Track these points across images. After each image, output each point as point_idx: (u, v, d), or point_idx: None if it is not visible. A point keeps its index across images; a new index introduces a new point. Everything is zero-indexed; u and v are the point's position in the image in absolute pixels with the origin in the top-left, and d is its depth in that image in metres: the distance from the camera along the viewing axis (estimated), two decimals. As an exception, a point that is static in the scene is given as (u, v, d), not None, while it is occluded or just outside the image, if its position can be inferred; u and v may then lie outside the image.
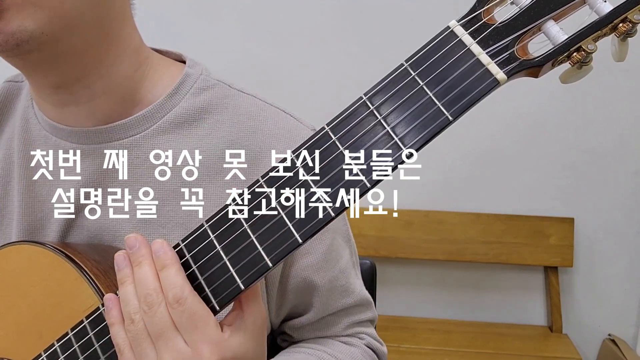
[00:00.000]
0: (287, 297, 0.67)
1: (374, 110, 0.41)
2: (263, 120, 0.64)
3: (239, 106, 0.65)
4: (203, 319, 0.44)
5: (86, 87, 0.59)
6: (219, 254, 0.45)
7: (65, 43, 0.55)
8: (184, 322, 0.44)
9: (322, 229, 0.42)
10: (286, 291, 0.66)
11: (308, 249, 0.65)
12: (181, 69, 0.65)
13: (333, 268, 0.67)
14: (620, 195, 1.88)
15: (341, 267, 0.69)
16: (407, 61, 0.41)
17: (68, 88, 0.59)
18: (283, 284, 0.66)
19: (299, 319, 0.69)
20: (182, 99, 0.63)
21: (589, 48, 0.38)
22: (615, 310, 1.95)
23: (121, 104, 0.62)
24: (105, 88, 0.60)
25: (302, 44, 1.89)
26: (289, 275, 0.65)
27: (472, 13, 0.40)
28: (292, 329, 0.70)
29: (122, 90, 0.61)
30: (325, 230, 0.65)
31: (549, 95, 1.79)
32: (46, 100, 0.62)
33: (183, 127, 0.63)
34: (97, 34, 0.57)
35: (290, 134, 0.64)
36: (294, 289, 0.66)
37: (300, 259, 0.65)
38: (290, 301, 0.67)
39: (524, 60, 0.39)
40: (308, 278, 0.65)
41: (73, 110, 0.61)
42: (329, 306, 0.68)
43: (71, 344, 0.51)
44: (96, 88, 0.60)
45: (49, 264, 0.57)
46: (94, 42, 0.57)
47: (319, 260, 0.66)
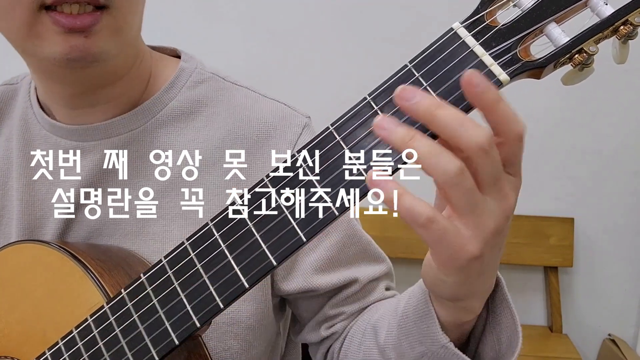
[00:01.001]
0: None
1: (378, 110, 0.41)
2: (258, 110, 0.65)
3: (234, 97, 0.66)
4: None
5: (106, 92, 0.61)
6: (223, 252, 0.45)
7: (122, 67, 0.60)
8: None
9: (326, 228, 0.42)
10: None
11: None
12: (176, 63, 0.67)
13: (359, 241, 0.67)
14: (620, 196, 1.89)
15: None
16: (410, 62, 0.41)
17: (89, 95, 0.61)
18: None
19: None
20: (179, 92, 0.65)
21: (591, 50, 0.38)
22: (615, 310, 1.95)
23: (131, 103, 0.63)
24: (121, 92, 0.62)
25: (302, 44, 1.89)
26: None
27: (475, 15, 0.40)
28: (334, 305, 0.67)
29: (134, 91, 0.63)
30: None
31: (549, 96, 1.79)
32: (60, 104, 0.63)
33: (180, 120, 0.64)
34: (137, 54, 0.62)
35: (285, 121, 0.65)
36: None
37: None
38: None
39: (526, 62, 0.39)
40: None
41: (85, 111, 0.62)
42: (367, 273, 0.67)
43: (75, 342, 0.52)
44: (114, 92, 0.62)
45: (54, 262, 0.57)
46: (132, 60, 0.62)
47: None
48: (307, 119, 0.67)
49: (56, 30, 0.52)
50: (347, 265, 0.65)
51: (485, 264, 0.39)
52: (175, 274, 0.47)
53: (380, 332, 0.57)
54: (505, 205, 0.38)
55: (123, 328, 0.49)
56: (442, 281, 0.41)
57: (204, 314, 0.46)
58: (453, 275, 0.40)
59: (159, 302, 0.48)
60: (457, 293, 0.43)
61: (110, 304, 0.50)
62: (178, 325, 0.47)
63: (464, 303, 0.45)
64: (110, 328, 0.50)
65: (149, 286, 0.48)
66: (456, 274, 0.39)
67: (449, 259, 0.38)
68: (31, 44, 0.54)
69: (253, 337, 0.64)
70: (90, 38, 0.53)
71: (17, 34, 0.55)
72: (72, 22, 0.51)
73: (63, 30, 0.52)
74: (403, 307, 0.52)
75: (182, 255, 0.47)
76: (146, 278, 0.49)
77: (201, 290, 0.46)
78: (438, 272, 0.40)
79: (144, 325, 0.48)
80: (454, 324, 0.47)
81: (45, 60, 0.55)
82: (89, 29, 0.52)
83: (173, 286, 0.47)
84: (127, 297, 0.49)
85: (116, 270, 0.57)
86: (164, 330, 0.47)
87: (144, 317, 0.48)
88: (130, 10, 0.56)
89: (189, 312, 0.46)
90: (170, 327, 0.47)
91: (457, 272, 0.39)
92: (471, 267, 0.38)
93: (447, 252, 0.37)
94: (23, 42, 0.55)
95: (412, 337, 0.50)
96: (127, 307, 0.49)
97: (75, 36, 0.52)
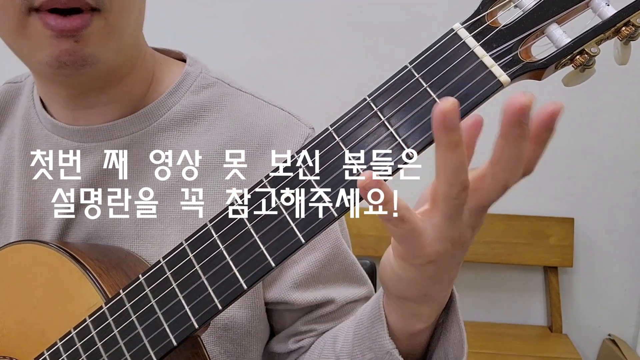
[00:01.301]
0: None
1: (378, 111, 0.41)
2: (261, 117, 0.65)
3: (238, 104, 0.65)
4: None
5: (105, 94, 0.61)
6: (222, 253, 0.45)
7: (119, 69, 0.59)
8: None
9: (325, 229, 0.42)
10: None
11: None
12: (181, 67, 0.66)
13: (343, 261, 0.67)
14: (620, 196, 1.88)
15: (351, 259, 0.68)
16: (411, 63, 0.41)
17: (88, 96, 0.61)
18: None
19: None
20: (182, 96, 0.64)
21: (592, 51, 0.38)
22: (615, 310, 1.95)
23: (131, 105, 0.63)
24: (122, 94, 0.62)
25: (302, 44, 1.89)
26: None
27: (476, 16, 0.40)
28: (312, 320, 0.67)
29: (136, 93, 0.63)
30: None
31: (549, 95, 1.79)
32: (60, 104, 0.63)
33: (183, 125, 0.63)
34: (137, 53, 0.61)
35: (288, 130, 0.65)
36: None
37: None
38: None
39: (527, 63, 0.39)
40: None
41: (85, 112, 0.62)
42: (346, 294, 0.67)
43: (74, 343, 0.51)
44: (114, 95, 0.61)
45: (53, 263, 0.57)
46: (134, 61, 0.61)
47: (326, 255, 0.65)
48: (311, 130, 0.66)
49: (47, 34, 0.51)
50: (326, 284, 0.65)
51: (441, 271, 0.41)
52: (173, 274, 0.47)
53: (338, 340, 0.58)
54: (477, 229, 0.41)
55: (121, 329, 0.49)
56: (397, 276, 0.43)
57: (202, 315, 0.46)
58: (408, 272, 0.42)
59: (158, 303, 0.47)
60: (409, 292, 0.44)
61: (109, 305, 0.50)
62: (176, 326, 0.46)
63: (414, 306, 0.46)
64: (108, 329, 0.49)
65: (147, 287, 0.48)
66: (411, 271, 0.41)
67: (408, 254, 0.40)
68: (24, 47, 0.54)
69: (249, 341, 0.64)
70: (81, 42, 0.52)
71: (9, 36, 0.54)
72: (62, 25, 0.51)
73: (53, 34, 0.51)
74: (359, 314, 0.53)
75: (181, 256, 0.47)
76: (145, 279, 0.48)
77: (200, 291, 0.46)
78: (395, 264, 0.42)
79: (142, 326, 0.48)
80: (403, 332, 0.48)
81: (37, 63, 0.55)
82: (79, 32, 0.51)
83: (171, 287, 0.47)
84: (125, 298, 0.49)
85: (115, 271, 0.57)
86: (162, 331, 0.47)
87: (143, 317, 0.48)
88: (124, 13, 0.54)
89: (188, 313, 0.46)
90: (169, 328, 0.47)
91: (412, 270, 0.41)
92: (427, 268, 0.40)
93: (409, 247, 0.40)
94: (16, 44, 0.54)
95: (364, 344, 0.51)
96: (126, 307, 0.49)
97: (66, 40, 0.52)
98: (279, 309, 0.66)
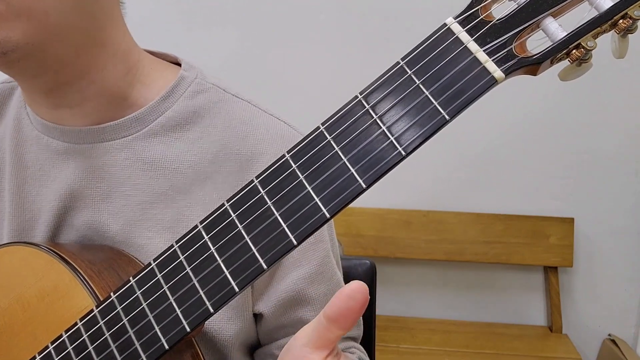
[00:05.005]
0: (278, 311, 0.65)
1: (370, 109, 0.40)
2: (256, 126, 0.63)
3: (232, 111, 0.64)
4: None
5: (77, 91, 0.59)
6: (213, 255, 0.44)
7: (52, 52, 0.54)
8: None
9: (317, 230, 0.41)
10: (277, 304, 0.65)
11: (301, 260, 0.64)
12: (176, 72, 0.65)
13: (329, 281, 0.66)
14: (620, 196, 1.88)
15: (337, 279, 0.68)
16: (403, 59, 0.40)
17: (59, 92, 0.59)
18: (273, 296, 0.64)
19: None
20: (176, 102, 0.62)
21: (589, 45, 0.37)
22: (615, 310, 1.95)
23: (113, 106, 0.61)
24: (96, 92, 0.60)
25: (301, 45, 1.88)
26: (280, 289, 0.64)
27: (470, 10, 0.39)
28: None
29: (113, 93, 0.61)
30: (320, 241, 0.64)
31: (549, 94, 1.79)
32: (39, 103, 0.62)
33: (175, 130, 0.62)
34: (85, 41, 0.56)
35: (282, 140, 0.63)
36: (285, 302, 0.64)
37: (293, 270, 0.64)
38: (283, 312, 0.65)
39: (522, 58, 0.38)
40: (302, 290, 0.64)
41: (66, 112, 0.61)
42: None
43: (65, 347, 0.51)
44: (87, 92, 0.59)
45: (43, 265, 0.56)
46: (82, 49, 0.56)
47: (313, 272, 0.64)
48: None
49: None
50: (306, 307, 0.65)
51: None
52: (164, 277, 0.46)
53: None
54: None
55: (113, 332, 0.48)
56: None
57: (193, 318, 0.45)
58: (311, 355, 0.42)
59: (149, 306, 0.47)
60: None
61: (100, 308, 0.49)
62: (168, 329, 0.46)
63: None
64: (100, 332, 0.49)
65: (138, 290, 0.47)
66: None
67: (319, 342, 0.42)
68: None
69: (235, 354, 0.64)
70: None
71: None
72: None
73: None
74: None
75: (171, 258, 0.46)
76: (135, 281, 0.48)
77: (191, 294, 0.45)
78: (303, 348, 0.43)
79: (133, 330, 0.47)
80: None
81: None
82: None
83: (162, 290, 0.46)
84: (116, 301, 0.48)
85: (107, 272, 0.56)
86: (154, 334, 0.46)
87: (134, 321, 0.47)
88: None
89: (179, 316, 0.45)
90: (160, 331, 0.46)
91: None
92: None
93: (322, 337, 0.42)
94: None
95: None
96: (117, 310, 0.48)
97: None
98: (259, 323, 0.66)
